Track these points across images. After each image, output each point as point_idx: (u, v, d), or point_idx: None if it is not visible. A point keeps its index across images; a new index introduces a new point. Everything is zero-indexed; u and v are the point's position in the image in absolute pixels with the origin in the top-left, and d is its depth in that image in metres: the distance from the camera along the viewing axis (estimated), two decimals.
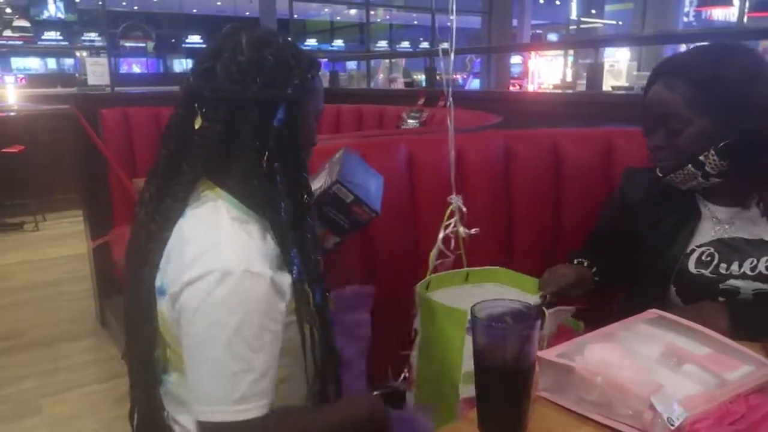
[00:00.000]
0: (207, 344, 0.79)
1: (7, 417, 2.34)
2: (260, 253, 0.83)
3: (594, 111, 2.28)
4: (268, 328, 0.81)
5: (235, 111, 0.85)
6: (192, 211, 0.88)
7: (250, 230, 0.86)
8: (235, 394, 0.78)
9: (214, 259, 0.80)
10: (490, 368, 0.74)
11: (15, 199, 5.03)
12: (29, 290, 3.69)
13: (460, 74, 15.39)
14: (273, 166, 0.86)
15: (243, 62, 0.85)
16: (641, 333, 0.92)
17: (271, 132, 0.86)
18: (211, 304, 0.78)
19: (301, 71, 0.89)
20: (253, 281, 0.79)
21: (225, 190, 0.89)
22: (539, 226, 1.55)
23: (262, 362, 0.80)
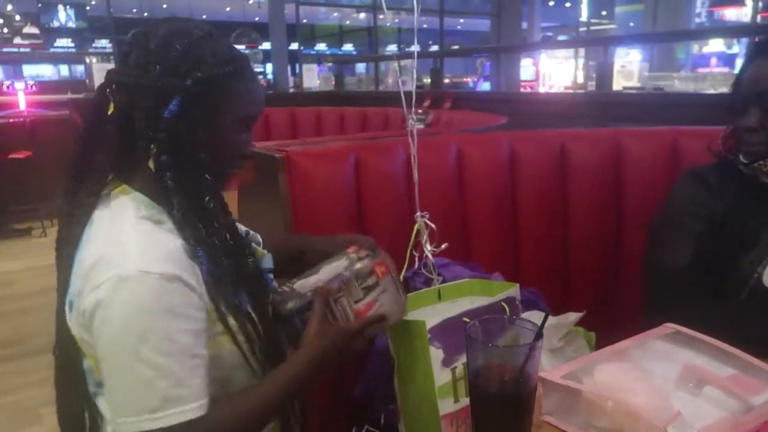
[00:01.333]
0: (115, 354, 0.74)
1: (8, 426, 2.30)
2: (165, 252, 0.78)
3: (604, 111, 2.20)
4: (180, 328, 0.75)
5: (133, 97, 0.81)
6: (98, 213, 0.83)
7: (159, 229, 0.81)
8: (152, 403, 0.73)
9: (109, 264, 0.75)
10: (487, 393, 0.67)
11: (23, 204, 5.02)
12: (34, 297, 3.66)
13: (470, 77, 15.33)
14: (160, 160, 0.80)
15: (151, 49, 0.82)
16: (656, 351, 0.84)
17: (162, 123, 0.80)
18: (111, 312, 0.74)
19: (212, 66, 0.82)
20: (152, 282, 0.74)
21: (134, 188, 0.84)
22: (547, 228, 1.48)
23: (179, 365, 0.74)
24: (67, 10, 13.29)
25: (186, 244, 0.81)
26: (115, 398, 0.76)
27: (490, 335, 0.71)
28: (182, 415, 0.74)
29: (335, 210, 1.30)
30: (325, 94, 5.06)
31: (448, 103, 2.94)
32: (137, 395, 0.73)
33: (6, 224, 5.04)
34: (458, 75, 15.88)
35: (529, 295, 1.34)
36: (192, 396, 0.75)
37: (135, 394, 0.73)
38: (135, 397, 0.73)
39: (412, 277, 1.26)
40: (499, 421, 0.68)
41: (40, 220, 4.96)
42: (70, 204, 0.86)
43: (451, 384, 0.97)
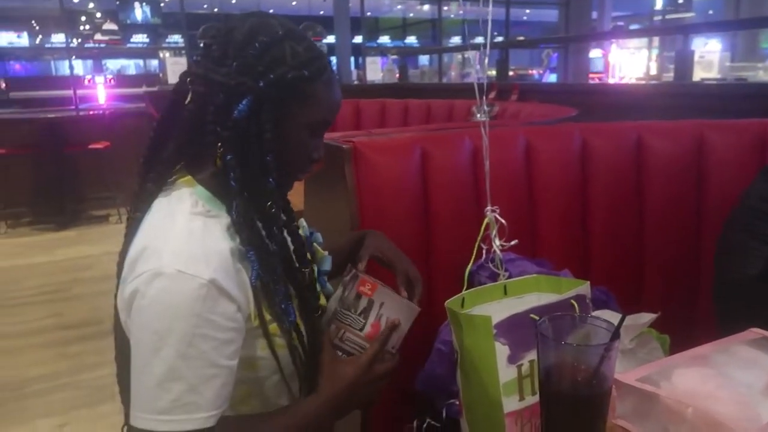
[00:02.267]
0: (140, 346, 0.73)
1: (83, 402, 2.43)
2: (208, 254, 0.76)
3: (683, 103, 2.08)
4: (203, 334, 0.72)
5: (207, 92, 0.80)
6: (157, 203, 0.82)
7: (212, 226, 0.79)
8: (159, 403, 0.71)
9: (152, 257, 0.74)
10: (559, 393, 0.65)
11: (101, 192, 5.30)
12: (111, 280, 3.74)
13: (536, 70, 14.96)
14: (226, 160, 0.79)
15: (230, 44, 0.80)
16: (741, 357, 0.79)
17: (230, 122, 0.79)
18: (143, 305, 0.73)
19: (287, 68, 0.80)
20: (185, 284, 0.72)
21: (198, 180, 0.84)
22: (620, 225, 1.42)
23: (194, 372, 0.72)
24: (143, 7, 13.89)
25: (237, 247, 0.79)
26: (133, 389, 0.74)
27: (560, 333, 0.68)
28: (189, 423, 0.72)
29: (401, 202, 1.29)
30: (389, 87, 5.06)
31: (514, 94, 2.87)
32: (150, 392, 0.72)
33: (85, 211, 5.34)
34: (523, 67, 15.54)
35: (600, 294, 1.29)
36: (203, 406, 0.73)
37: (148, 391, 0.72)
38: (148, 394, 0.72)
39: (477, 271, 1.24)
40: (571, 423, 0.65)
41: (117, 208, 5.23)
42: (138, 191, 0.86)
43: (517, 381, 0.95)
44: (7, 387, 2.54)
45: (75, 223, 5.14)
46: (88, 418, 2.32)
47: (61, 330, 3.12)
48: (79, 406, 2.41)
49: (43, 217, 5.11)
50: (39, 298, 3.57)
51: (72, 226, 5.08)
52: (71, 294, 3.63)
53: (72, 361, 2.77)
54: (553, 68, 13.37)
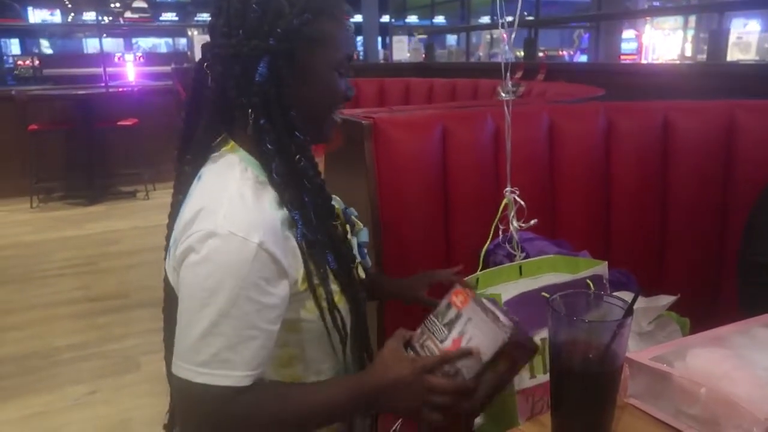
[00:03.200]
0: (184, 300, 0.76)
1: (110, 371, 2.50)
2: (259, 218, 0.78)
3: (715, 84, 2.02)
4: (247, 296, 0.75)
5: (224, 67, 0.81)
6: (207, 169, 0.85)
7: (262, 194, 0.81)
8: (199, 356, 0.74)
9: (206, 218, 0.76)
10: (570, 369, 0.64)
11: (129, 168, 5.39)
12: (138, 254, 3.94)
13: (567, 50, 14.66)
14: (260, 125, 0.80)
15: (231, 15, 0.80)
16: (760, 339, 0.77)
17: (254, 88, 0.80)
18: (195, 260, 0.75)
19: (291, 18, 0.80)
20: (236, 245, 0.74)
21: (241, 145, 0.85)
22: (643, 207, 1.40)
23: (234, 330, 0.74)
24: None
25: (285, 214, 0.81)
26: (177, 340, 0.77)
27: (574, 311, 0.68)
28: (225, 379, 0.74)
29: (420, 179, 1.28)
30: (415, 66, 5.01)
31: (541, 74, 2.82)
32: (192, 344, 0.74)
33: (114, 186, 5.44)
34: (553, 48, 15.23)
35: (620, 276, 1.27)
36: (239, 364, 0.75)
37: (191, 343, 0.75)
38: (190, 346, 0.75)
39: (494, 250, 1.23)
40: (581, 400, 0.65)
41: (144, 184, 5.31)
42: (178, 174, 0.89)
43: None
44: (38, 355, 2.62)
45: (104, 198, 5.24)
46: (114, 386, 2.39)
47: (90, 302, 3.20)
48: (106, 374, 2.48)
49: (74, 192, 5.22)
50: (68, 270, 3.66)
51: (101, 201, 5.18)
52: (99, 267, 3.72)
53: (99, 332, 2.84)
54: (584, 49, 13.07)
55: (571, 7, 17.71)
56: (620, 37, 10.44)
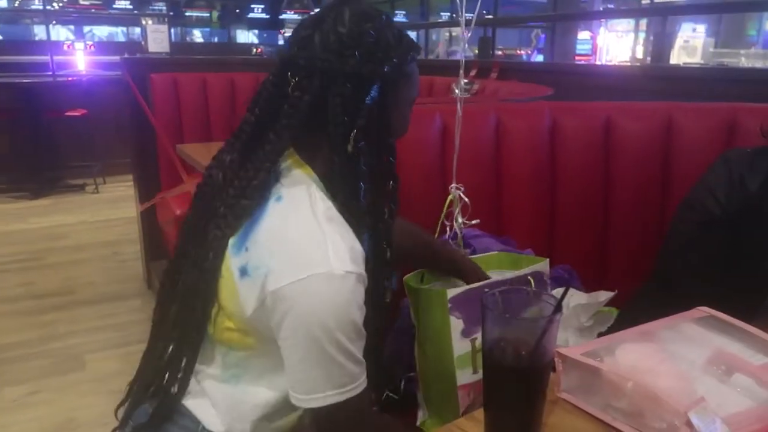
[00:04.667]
0: (311, 343, 0.78)
1: (53, 370, 2.43)
2: (354, 250, 0.81)
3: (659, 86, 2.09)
4: (361, 317, 0.81)
5: (328, 83, 0.81)
6: (288, 192, 0.83)
7: (342, 223, 0.83)
8: (343, 379, 0.79)
9: (312, 261, 0.77)
10: (501, 365, 0.65)
11: (78, 161, 5.22)
12: (84, 250, 3.82)
13: (524, 50, 14.88)
14: (359, 146, 0.82)
15: (343, 34, 0.81)
16: (686, 334, 0.80)
17: (362, 110, 0.82)
18: (314, 305, 0.77)
19: (401, 52, 0.84)
20: (351, 282, 0.78)
21: (314, 170, 0.86)
22: (586, 205, 1.43)
23: (359, 348, 0.81)
24: None
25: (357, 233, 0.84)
26: (308, 380, 0.79)
27: (512, 307, 0.69)
28: (358, 389, 0.80)
29: None
30: None
31: (494, 72, 2.86)
32: (329, 375, 0.78)
33: (61, 179, 5.26)
34: (512, 47, 15.44)
35: (562, 272, 1.31)
36: (362, 371, 0.81)
37: (327, 374, 0.78)
38: (327, 377, 0.78)
39: None
40: (512, 395, 0.66)
41: (94, 177, 5.15)
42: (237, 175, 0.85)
43: (471, 355, 0.96)
44: None
45: (50, 191, 5.06)
46: (58, 386, 2.32)
47: (34, 299, 3.09)
48: (49, 374, 2.40)
49: (18, 184, 5.01)
50: (12, 266, 3.53)
51: (47, 194, 5.00)
52: (45, 263, 3.59)
53: (43, 330, 2.75)
54: (540, 49, 13.30)
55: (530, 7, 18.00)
56: (575, 38, 10.68)
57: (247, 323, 0.84)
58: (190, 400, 0.91)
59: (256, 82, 3.37)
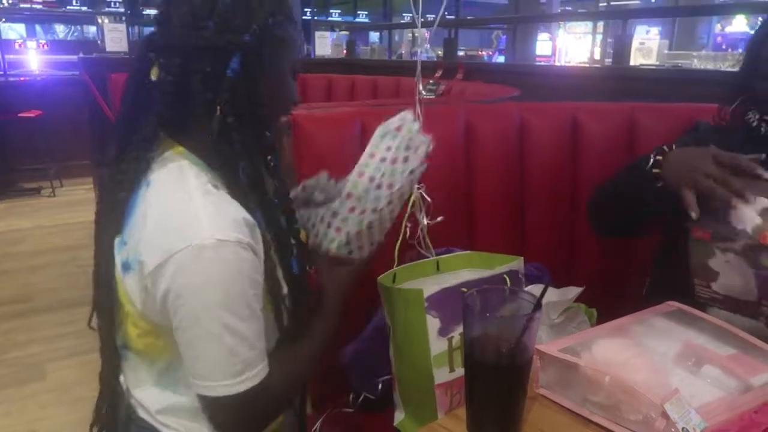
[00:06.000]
0: (197, 323, 0.74)
1: (12, 381, 2.34)
2: (235, 220, 0.76)
3: (620, 86, 2.15)
4: (253, 293, 0.77)
5: (186, 59, 0.77)
6: (157, 176, 0.80)
7: (222, 195, 0.79)
8: (235, 367, 0.75)
9: (184, 233, 0.73)
10: (482, 363, 0.66)
11: (33, 164, 5.04)
12: (43, 255, 3.70)
13: (486, 51, 15.08)
14: (226, 122, 0.78)
15: (196, 4, 0.77)
16: (657, 328, 0.83)
17: (224, 83, 0.77)
18: (193, 281, 0.73)
19: (263, 15, 0.79)
20: (229, 250, 0.73)
21: (189, 150, 0.81)
22: (555, 203, 1.46)
23: (254, 329, 0.77)
24: None
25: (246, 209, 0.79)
26: (197, 364, 0.76)
27: (490, 306, 0.70)
28: (256, 378, 0.77)
29: (339, 175, 1.28)
30: (338, 62, 4.99)
31: (460, 74, 2.89)
32: (222, 361, 0.75)
33: (15, 183, 5.08)
34: (473, 48, 15.63)
35: (533, 270, 1.32)
36: (259, 358, 0.78)
37: (220, 361, 0.75)
38: (220, 363, 0.75)
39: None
40: (493, 392, 0.67)
41: (50, 180, 4.99)
42: (115, 170, 0.82)
43: (447, 354, 0.96)
44: None
45: (4, 195, 4.88)
46: (17, 396, 2.24)
47: None
48: (7, 384, 2.32)
49: None
50: None
51: (1, 198, 4.82)
52: (0, 269, 3.47)
53: (1, 339, 2.65)
54: (502, 50, 13.50)
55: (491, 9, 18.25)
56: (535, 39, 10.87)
57: (147, 321, 0.81)
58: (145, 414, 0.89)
59: None
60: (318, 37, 5.69)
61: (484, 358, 0.66)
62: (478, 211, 1.41)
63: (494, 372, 0.66)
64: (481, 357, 0.66)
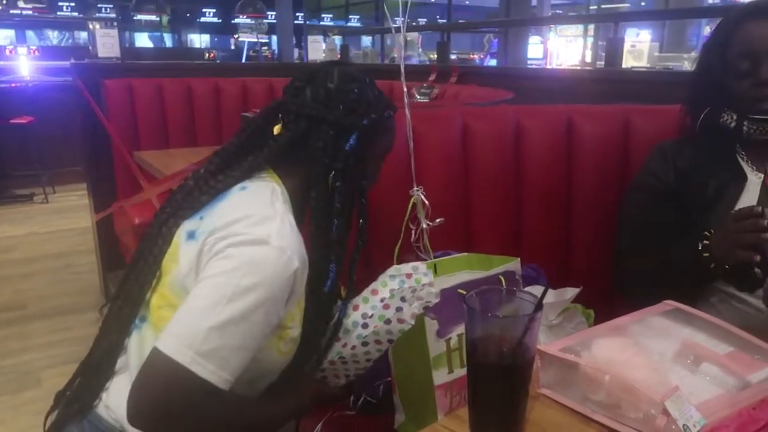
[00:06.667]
0: (208, 287, 0.80)
1: (7, 389, 2.33)
2: (299, 247, 0.86)
3: (612, 89, 2.16)
4: (267, 310, 0.81)
5: (313, 127, 0.93)
6: (253, 184, 0.92)
7: (295, 229, 0.89)
8: (203, 345, 0.77)
9: (259, 226, 0.83)
10: (485, 363, 0.67)
11: (25, 170, 5.01)
12: (35, 262, 3.68)
13: (477, 54, 15.14)
14: (335, 186, 0.93)
15: (331, 89, 0.94)
16: (655, 327, 0.84)
17: (341, 154, 0.93)
18: (235, 255, 0.80)
19: (379, 108, 0.97)
20: (281, 262, 0.81)
21: (283, 183, 0.95)
22: (550, 201, 1.46)
23: (243, 335, 0.79)
24: None
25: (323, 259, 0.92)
26: (182, 319, 0.79)
27: (488, 306, 0.70)
28: (213, 376, 0.77)
29: None
30: None
31: (453, 77, 2.90)
32: (200, 331, 0.77)
33: (7, 189, 5.04)
34: (465, 51, 15.70)
35: (530, 271, 1.33)
36: (230, 368, 0.79)
37: (199, 329, 0.77)
38: (197, 331, 0.77)
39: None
40: (496, 392, 0.68)
41: (42, 186, 4.96)
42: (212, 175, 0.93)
43: (446, 355, 0.97)
44: None
45: None
46: (10, 404, 2.23)
47: None
48: (1, 392, 2.30)
49: None
50: None
51: None
52: None
53: None
54: (493, 53, 13.56)
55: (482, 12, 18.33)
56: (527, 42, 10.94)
57: (175, 292, 0.86)
58: None
59: (214, 87, 3.34)
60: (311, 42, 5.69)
61: (487, 358, 0.67)
62: (474, 213, 1.41)
63: (496, 372, 0.67)
64: (483, 358, 0.67)
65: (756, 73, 1.15)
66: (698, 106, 1.27)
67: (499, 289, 0.80)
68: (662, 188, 1.28)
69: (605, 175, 1.47)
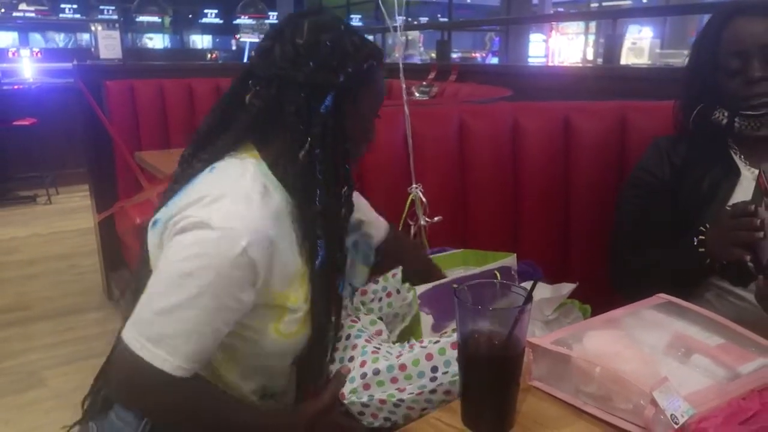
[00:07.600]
0: (159, 275, 0.79)
1: (12, 389, 2.34)
2: (255, 224, 0.80)
3: (611, 86, 2.17)
4: (217, 293, 0.77)
5: (284, 91, 0.84)
6: (221, 164, 0.87)
7: (265, 203, 0.83)
8: (151, 331, 0.76)
9: (207, 207, 0.79)
10: (476, 356, 0.68)
11: (28, 172, 5.04)
12: (38, 263, 3.70)
13: (479, 53, 15.13)
14: (314, 153, 0.84)
15: (299, 44, 0.84)
16: (647, 320, 0.84)
17: (317, 118, 0.84)
18: (181, 241, 0.79)
19: (358, 60, 0.86)
20: (225, 242, 0.77)
21: (263, 157, 0.88)
22: (548, 201, 1.47)
23: (193, 320, 0.77)
24: None
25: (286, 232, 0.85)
26: (138, 306, 0.79)
27: (482, 301, 0.71)
28: (162, 362, 0.75)
29: None
30: None
31: (453, 75, 2.91)
32: (149, 316, 0.77)
33: (11, 191, 5.07)
34: (467, 50, 15.68)
35: (526, 267, 1.34)
36: (181, 354, 0.76)
37: (149, 314, 0.77)
38: (147, 317, 0.77)
39: None
40: (487, 384, 0.69)
41: (45, 188, 4.98)
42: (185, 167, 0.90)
43: None
44: None
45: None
46: (15, 405, 2.24)
47: None
48: (5, 393, 2.31)
49: None
50: None
51: None
52: None
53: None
54: (495, 52, 13.56)
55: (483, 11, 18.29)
56: (528, 40, 10.93)
57: None
58: None
59: (215, 87, 3.35)
60: None
61: (478, 351, 0.67)
62: (472, 210, 1.42)
63: (487, 364, 0.68)
64: (474, 350, 0.67)
65: (746, 71, 1.15)
66: (690, 103, 1.27)
67: (491, 283, 0.80)
68: (657, 184, 1.29)
69: (602, 172, 1.47)
